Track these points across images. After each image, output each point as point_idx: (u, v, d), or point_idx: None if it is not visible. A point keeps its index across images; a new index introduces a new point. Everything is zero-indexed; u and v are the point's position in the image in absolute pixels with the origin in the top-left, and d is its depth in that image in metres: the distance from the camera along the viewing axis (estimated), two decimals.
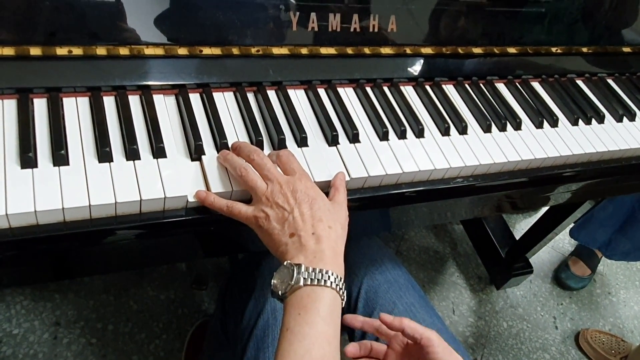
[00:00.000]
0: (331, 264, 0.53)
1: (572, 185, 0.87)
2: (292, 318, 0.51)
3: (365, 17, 0.75)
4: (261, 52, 0.71)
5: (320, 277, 0.52)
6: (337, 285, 0.53)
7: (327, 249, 0.54)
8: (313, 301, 0.51)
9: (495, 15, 0.84)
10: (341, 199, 0.60)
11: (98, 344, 1.21)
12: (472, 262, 1.67)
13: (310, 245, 0.54)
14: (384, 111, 0.75)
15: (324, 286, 0.52)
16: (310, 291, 0.52)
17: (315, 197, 0.57)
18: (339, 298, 0.53)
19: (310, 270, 0.52)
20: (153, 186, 0.56)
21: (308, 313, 0.51)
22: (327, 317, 0.51)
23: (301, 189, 0.56)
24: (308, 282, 0.52)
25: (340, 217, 0.58)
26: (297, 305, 0.51)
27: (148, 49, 0.65)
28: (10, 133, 0.56)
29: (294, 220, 0.55)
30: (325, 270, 0.52)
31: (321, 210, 0.56)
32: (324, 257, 0.53)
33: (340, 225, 0.57)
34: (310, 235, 0.54)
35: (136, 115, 0.63)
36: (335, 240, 0.56)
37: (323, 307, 0.51)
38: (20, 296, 1.25)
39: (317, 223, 0.55)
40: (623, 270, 1.82)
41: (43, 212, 0.51)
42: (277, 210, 0.55)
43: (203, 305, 1.34)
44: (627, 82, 0.99)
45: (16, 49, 0.59)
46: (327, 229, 0.55)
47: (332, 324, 0.52)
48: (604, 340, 1.52)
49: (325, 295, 0.52)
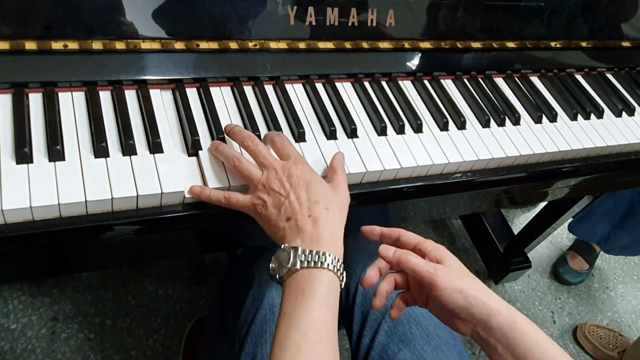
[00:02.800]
0: (329, 246, 0.53)
1: (570, 181, 0.86)
2: (290, 302, 0.50)
3: (364, 11, 0.74)
4: (258, 46, 0.71)
5: (317, 259, 0.51)
6: (335, 267, 0.52)
7: (324, 230, 0.54)
8: (310, 284, 0.51)
9: (494, 9, 0.83)
10: (339, 179, 0.60)
11: (96, 339, 1.21)
12: (470, 257, 1.67)
13: (307, 228, 0.54)
14: (382, 106, 0.75)
15: (320, 268, 0.51)
16: (307, 274, 0.51)
17: (311, 180, 0.56)
18: (337, 280, 0.53)
19: (307, 252, 0.52)
20: (150, 182, 0.56)
21: (305, 296, 0.50)
22: (324, 300, 0.50)
23: (297, 173, 0.56)
24: (305, 264, 0.51)
25: (339, 199, 0.58)
26: (295, 288, 0.51)
27: (144, 43, 0.65)
28: (6, 128, 0.56)
29: (290, 204, 0.55)
30: (322, 252, 0.52)
31: (317, 192, 0.56)
32: (321, 239, 0.53)
33: (338, 207, 0.57)
34: (306, 218, 0.54)
35: (133, 110, 0.62)
36: (333, 221, 0.55)
37: (320, 289, 0.51)
38: (18, 291, 1.25)
39: (313, 205, 0.55)
40: (621, 264, 1.82)
41: (39, 207, 0.51)
42: (274, 195, 0.55)
43: (201, 300, 1.34)
44: (626, 76, 0.99)
45: (11, 43, 0.58)
46: (324, 211, 0.55)
47: (330, 306, 0.51)
48: (601, 334, 1.53)
49: (323, 278, 0.51)
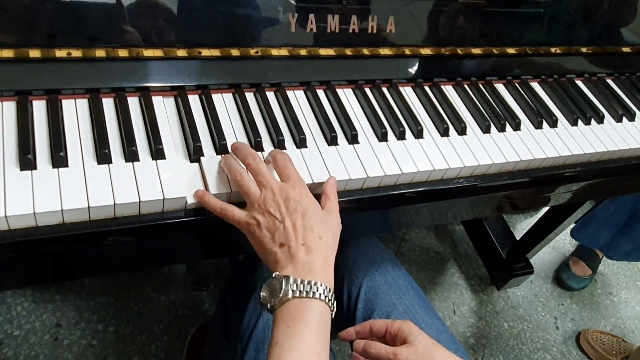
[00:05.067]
0: (321, 276, 0.53)
1: (572, 186, 0.86)
2: (281, 331, 0.50)
3: (364, 18, 0.75)
4: (260, 53, 0.71)
5: (309, 289, 0.51)
6: (327, 297, 0.52)
7: (317, 260, 0.54)
8: (302, 313, 0.51)
9: (494, 16, 0.84)
10: (332, 206, 0.59)
11: (99, 346, 1.21)
12: (472, 263, 1.67)
13: (300, 256, 0.53)
14: (383, 112, 0.75)
15: (312, 298, 0.51)
16: (299, 303, 0.51)
17: (307, 206, 0.56)
18: (328, 310, 0.53)
19: (299, 282, 0.52)
20: (152, 187, 0.56)
21: (297, 325, 0.50)
22: (316, 329, 0.51)
23: (294, 197, 0.56)
24: (297, 294, 0.51)
25: (332, 226, 0.58)
26: (286, 317, 0.51)
27: (147, 50, 0.65)
28: (10, 135, 0.57)
29: (284, 230, 0.54)
30: (314, 282, 0.52)
31: (313, 219, 0.55)
32: (313, 268, 0.53)
33: (331, 235, 0.57)
34: (300, 246, 0.54)
35: (135, 116, 0.63)
36: (326, 250, 0.55)
37: (312, 319, 0.51)
38: (21, 298, 1.25)
39: (307, 234, 0.54)
40: (624, 270, 1.81)
41: (42, 213, 0.51)
42: (269, 218, 0.55)
43: (204, 307, 1.34)
44: (626, 82, 0.99)
45: (15, 51, 0.59)
46: (318, 240, 0.55)
47: (322, 335, 0.51)
48: (605, 340, 1.52)
49: (314, 307, 0.51)
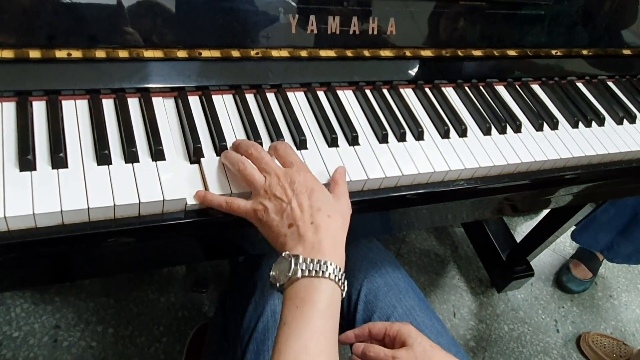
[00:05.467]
0: (330, 255, 0.52)
1: (573, 188, 0.86)
2: (290, 311, 0.50)
3: (365, 20, 0.75)
4: (260, 54, 0.71)
5: (318, 268, 0.51)
6: (337, 277, 0.52)
7: (326, 238, 0.53)
8: (311, 293, 0.50)
9: (495, 18, 0.84)
10: (342, 190, 0.59)
11: (98, 347, 1.21)
12: (473, 265, 1.67)
13: (309, 235, 0.53)
14: (384, 114, 0.75)
15: (322, 277, 0.51)
16: (308, 283, 0.51)
17: (313, 188, 0.56)
18: (338, 290, 0.52)
19: (308, 261, 0.51)
20: (152, 189, 0.56)
21: (306, 306, 0.49)
22: (325, 310, 0.50)
23: (299, 180, 0.56)
24: (306, 273, 0.51)
25: (341, 207, 0.57)
26: (295, 297, 0.50)
27: (147, 51, 0.65)
28: (9, 136, 0.56)
29: (292, 210, 0.54)
30: (323, 261, 0.51)
31: (320, 200, 0.55)
32: (322, 247, 0.52)
33: (340, 215, 0.56)
34: (308, 225, 0.53)
35: (135, 117, 0.63)
36: (335, 230, 0.55)
37: (321, 299, 0.50)
38: (20, 299, 1.25)
39: (315, 213, 0.54)
40: (625, 273, 1.81)
41: (42, 214, 0.51)
42: (276, 202, 0.55)
43: (203, 308, 1.34)
44: (627, 84, 0.99)
45: (15, 51, 0.59)
46: (327, 218, 0.54)
47: (331, 317, 0.50)
48: (605, 343, 1.52)
49: (324, 287, 0.51)
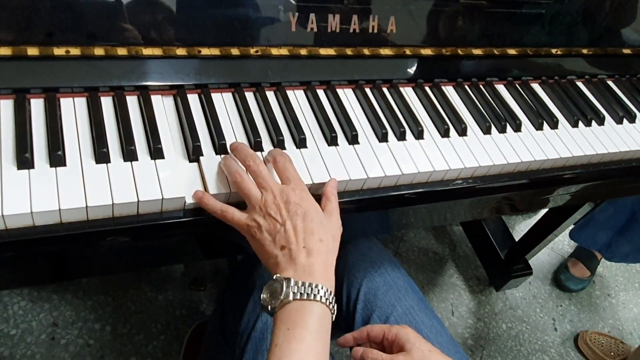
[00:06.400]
0: (321, 278, 0.53)
1: (571, 187, 0.86)
2: (281, 333, 0.50)
3: (365, 18, 0.74)
4: (260, 52, 0.71)
5: (310, 292, 0.51)
6: (327, 300, 0.52)
7: (318, 262, 0.54)
8: (302, 316, 0.51)
9: (495, 16, 0.83)
10: (333, 207, 0.59)
11: (96, 345, 1.21)
12: (471, 264, 1.67)
13: (301, 259, 0.53)
14: (383, 112, 0.75)
15: (313, 300, 0.51)
16: (299, 306, 0.51)
17: (308, 209, 0.56)
18: (328, 312, 0.53)
19: (299, 284, 0.51)
20: (150, 187, 0.56)
21: (297, 328, 0.50)
22: (316, 332, 0.50)
23: (294, 200, 0.56)
24: (297, 296, 0.51)
25: (333, 229, 0.58)
26: (286, 320, 0.51)
27: (146, 49, 0.65)
28: (7, 133, 0.56)
29: (285, 232, 0.54)
30: (315, 285, 0.52)
31: (313, 222, 0.55)
32: (314, 271, 0.53)
33: (332, 237, 0.57)
34: (301, 249, 0.54)
35: (134, 115, 0.63)
36: (326, 253, 0.55)
37: (312, 321, 0.51)
38: (17, 297, 1.24)
39: (308, 236, 0.54)
40: (622, 272, 1.81)
41: (39, 213, 0.51)
42: (270, 221, 0.55)
43: (201, 307, 1.34)
44: (627, 83, 0.99)
45: (13, 49, 0.59)
46: (319, 242, 0.55)
47: (322, 338, 0.51)
48: (603, 342, 1.52)
49: (315, 310, 0.51)
